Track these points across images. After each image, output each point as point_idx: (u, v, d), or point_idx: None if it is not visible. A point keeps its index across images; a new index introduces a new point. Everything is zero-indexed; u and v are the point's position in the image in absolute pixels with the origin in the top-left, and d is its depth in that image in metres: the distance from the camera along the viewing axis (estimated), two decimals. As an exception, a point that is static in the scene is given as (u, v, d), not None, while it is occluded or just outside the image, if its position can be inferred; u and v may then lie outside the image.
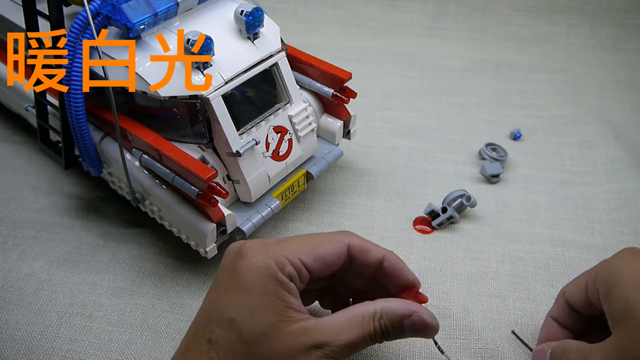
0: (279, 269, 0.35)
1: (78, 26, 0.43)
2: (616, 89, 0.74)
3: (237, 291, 0.35)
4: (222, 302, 0.35)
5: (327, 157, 0.54)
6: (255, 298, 0.34)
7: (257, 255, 0.36)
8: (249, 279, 0.35)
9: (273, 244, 0.37)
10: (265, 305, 0.34)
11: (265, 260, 0.35)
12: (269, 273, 0.35)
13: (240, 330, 0.34)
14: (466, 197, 0.54)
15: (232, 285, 0.35)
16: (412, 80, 0.75)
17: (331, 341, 0.33)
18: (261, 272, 0.35)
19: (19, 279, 0.49)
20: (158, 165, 0.45)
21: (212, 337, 0.34)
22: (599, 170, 0.61)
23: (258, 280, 0.35)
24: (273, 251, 0.36)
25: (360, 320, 0.34)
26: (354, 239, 0.38)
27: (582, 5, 0.84)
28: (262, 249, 0.36)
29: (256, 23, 0.47)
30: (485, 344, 0.44)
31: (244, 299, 0.35)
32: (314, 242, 0.37)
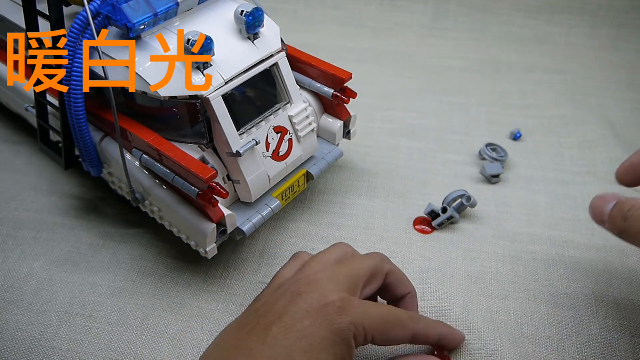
0: (354, 336, 0.36)
1: (78, 26, 0.43)
2: (616, 89, 0.74)
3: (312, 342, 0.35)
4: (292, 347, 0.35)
5: (327, 157, 0.54)
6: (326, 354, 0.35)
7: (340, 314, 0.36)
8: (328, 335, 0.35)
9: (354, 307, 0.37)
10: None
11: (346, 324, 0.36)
12: (345, 337, 0.36)
13: None
14: (466, 197, 0.54)
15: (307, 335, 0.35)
16: (412, 80, 0.75)
17: None
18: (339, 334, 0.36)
19: (19, 279, 0.49)
20: (158, 165, 0.45)
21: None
22: (599, 170, 0.61)
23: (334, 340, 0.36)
24: (355, 314, 0.36)
25: None
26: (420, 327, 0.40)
27: (582, 5, 0.84)
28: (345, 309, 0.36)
29: (256, 23, 0.47)
30: (485, 344, 0.44)
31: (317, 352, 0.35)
32: (388, 320, 0.38)
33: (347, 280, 0.39)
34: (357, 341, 0.36)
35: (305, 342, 0.35)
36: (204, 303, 0.47)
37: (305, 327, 0.35)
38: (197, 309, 0.47)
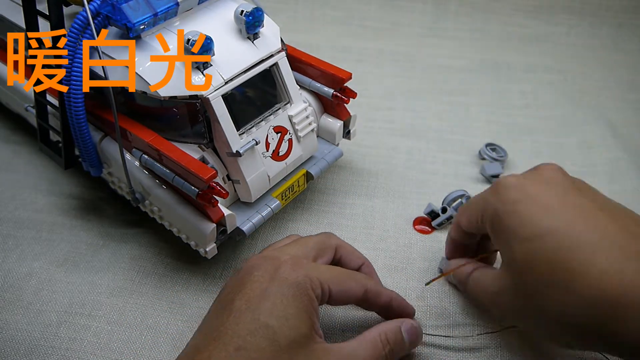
0: (312, 288, 0.37)
1: (78, 26, 0.43)
2: (616, 89, 0.74)
3: (273, 300, 0.36)
4: (256, 311, 0.36)
5: (327, 157, 0.54)
6: (290, 308, 0.36)
7: (295, 270, 0.38)
8: (285, 290, 0.37)
9: (306, 263, 0.39)
10: (300, 317, 0.36)
11: (302, 277, 0.37)
12: (303, 289, 0.37)
13: (275, 336, 0.35)
14: (466, 197, 0.54)
15: (267, 295, 0.36)
16: (412, 80, 0.75)
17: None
18: (297, 287, 0.37)
19: (19, 279, 0.49)
20: (158, 165, 0.45)
21: (242, 343, 0.35)
22: (599, 170, 0.61)
23: (293, 293, 0.37)
24: (309, 270, 0.38)
25: (369, 341, 0.38)
26: (370, 282, 0.41)
27: (582, 5, 0.84)
28: (298, 265, 0.38)
29: (256, 23, 0.47)
30: (486, 344, 0.44)
31: (281, 308, 0.36)
32: (341, 276, 0.40)
33: (297, 253, 0.41)
34: (316, 292, 0.38)
35: (268, 302, 0.36)
36: (203, 303, 0.47)
37: (264, 291, 0.37)
38: (197, 309, 0.47)
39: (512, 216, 0.38)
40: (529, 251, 0.36)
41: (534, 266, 0.36)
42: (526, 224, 0.37)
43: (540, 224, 0.36)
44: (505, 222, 0.38)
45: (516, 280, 0.37)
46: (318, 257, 0.42)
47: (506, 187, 0.40)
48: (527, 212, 0.37)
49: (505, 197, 0.39)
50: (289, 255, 0.40)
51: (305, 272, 0.38)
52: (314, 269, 0.39)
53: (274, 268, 0.38)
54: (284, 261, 0.38)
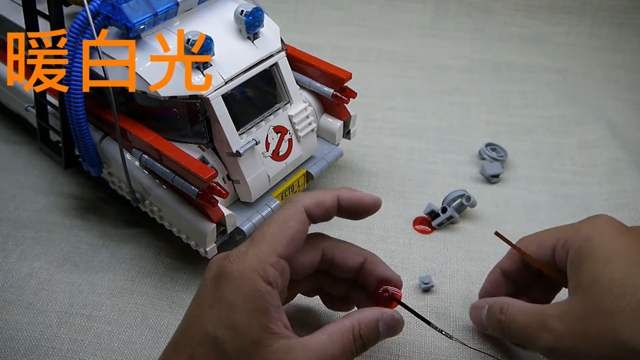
0: (261, 277, 0.34)
1: (78, 26, 0.43)
2: (616, 89, 0.74)
3: (220, 308, 0.34)
4: (204, 319, 0.34)
5: (327, 157, 0.54)
6: (238, 315, 0.33)
7: (238, 268, 0.34)
8: (232, 295, 0.34)
9: (248, 251, 0.35)
10: (249, 322, 0.33)
11: (246, 272, 0.34)
12: (250, 286, 0.34)
13: (224, 349, 0.33)
14: (466, 197, 0.54)
15: (214, 302, 0.34)
16: (412, 80, 0.75)
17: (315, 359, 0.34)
18: (243, 287, 0.34)
19: (19, 279, 0.49)
20: (158, 165, 0.45)
21: (195, 354, 0.34)
22: (599, 170, 0.61)
23: (240, 296, 0.34)
24: (251, 259, 0.35)
25: (340, 336, 0.35)
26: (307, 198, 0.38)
27: (582, 5, 0.84)
28: (240, 261, 0.35)
29: (256, 23, 0.47)
30: (486, 343, 0.44)
31: (227, 316, 0.34)
32: (277, 230, 0.36)
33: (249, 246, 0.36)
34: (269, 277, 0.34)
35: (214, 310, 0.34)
36: (204, 303, 0.47)
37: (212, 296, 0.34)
38: (197, 309, 0.47)
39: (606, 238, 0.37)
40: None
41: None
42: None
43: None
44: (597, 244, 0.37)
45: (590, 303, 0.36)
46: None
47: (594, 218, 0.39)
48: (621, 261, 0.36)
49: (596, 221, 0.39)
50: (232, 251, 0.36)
51: (247, 264, 0.34)
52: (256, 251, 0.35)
53: (218, 271, 0.35)
54: (226, 263, 0.35)
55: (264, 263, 0.34)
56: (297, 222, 0.36)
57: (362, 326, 0.36)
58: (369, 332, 0.36)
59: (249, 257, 0.35)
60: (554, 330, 0.36)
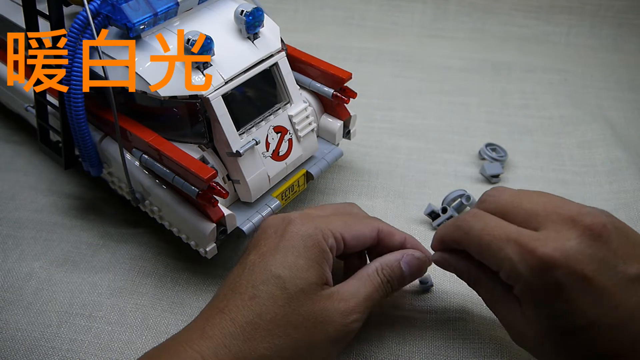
0: (324, 239, 0.39)
1: (78, 26, 0.43)
2: (616, 89, 0.74)
3: (284, 253, 0.39)
4: (268, 262, 0.38)
5: (327, 157, 0.54)
6: (300, 259, 0.38)
7: (305, 224, 0.40)
8: (296, 243, 0.39)
9: (317, 217, 0.41)
10: (309, 267, 0.38)
11: (312, 229, 0.39)
12: (314, 241, 0.39)
13: (285, 285, 0.37)
14: (465, 197, 0.54)
15: (279, 249, 0.39)
16: (412, 80, 0.75)
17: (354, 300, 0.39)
18: (308, 239, 0.39)
19: (19, 279, 0.49)
20: (158, 165, 0.45)
21: (256, 292, 0.37)
22: (599, 170, 0.61)
23: (304, 245, 0.39)
24: (318, 223, 0.40)
25: (368, 278, 0.41)
26: (382, 224, 0.43)
27: (582, 5, 0.84)
28: (308, 219, 0.40)
29: (256, 23, 0.47)
30: (486, 344, 0.44)
31: (290, 259, 0.38)
32: (352, 222, 0.42)
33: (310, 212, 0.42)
34: (328, 242, 0.40)
35: (279, 255, 0.38)
36: (203, 303, 0.47)
37: (276, 244, 0.39)
38: (197, 309, 0.47)
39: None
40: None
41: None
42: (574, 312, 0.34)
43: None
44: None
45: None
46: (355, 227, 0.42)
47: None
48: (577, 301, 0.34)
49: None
50: (298, 212, 0.42)
51: (314, 225, 0.40)
52: (323, 220, 0.40)
53: (285, 224, 0.40)
54: (294, 217, 0.40)
55: (328, 232, 0.40)
56: (369, 230, 0.42)
57: (385, 267, 0.41)
58: (392, 272, 0.41)
59: (316, 222, 0.40)
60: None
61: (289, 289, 0.37)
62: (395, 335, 0.45)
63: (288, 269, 0.38)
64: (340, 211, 0.44)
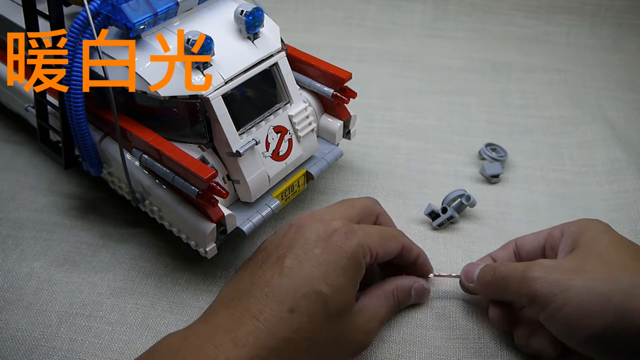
0: (363, 257, 0.40)
1: (78, 26, 0.43)
2: (616, 89, 0.74)
3: (327, 269, 0.38)
4: (309, 275, 0.38)
5: (327, 157, 0.54)
6: (342, 278, 0.39)
7: (349, 238, 0.40)
8: (340, 260, 0.39)
9: (358, 230, 0.41)
10: (349, 287, 0.39)
11: (356, 247, 0.40)
12: (356, 260, 0.40)
13: (327, 303, 0.38)
14: (465, 197, 0.54)
15: (321, 263, 0.39)
16: (412, 80, 0.75)
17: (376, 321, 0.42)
18: (351, 258, 0.39)
19: (19, 279, 0.49)
20: (158, 165, 0.45)
21: (295, 306, 0.37)
22: (599, 170, 0.61)
23: (347, 264, 0.39)
24: (361, 238, 0.40)
25: (385, 298, 0.44)
26: (406, 239, 0.45)
27: (582, 5, 0.84)
28: (352, 233, 0.40)
29: (256, 23, 0.47)
30: (486, 343, 0.44)
31: (333, 277, 0.38)
32: (385, 236, 0.43)
33: (343, 213, 0.43)
34: (365, 260, 0.40)
35: (322, 270, 0.38)
36: (204, 303, 0.47)
37: (318, 256, 0.39)
38: (197, 309, 0.47)
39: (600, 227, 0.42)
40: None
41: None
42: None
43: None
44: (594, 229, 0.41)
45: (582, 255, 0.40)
46: (362, 221, 0.44)
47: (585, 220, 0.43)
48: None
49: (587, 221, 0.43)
50: (340, 220, 0.41)
51: (357, 241, 0.40)
52: (364, 236, 0.41)
53: (327, 234, 0.40)
54: (337, 229, 0.40)
55: (367, 250, 0.40)
56: (397, 246, 0.43)
57: (399, 290, 0.44)
58: (404, 295, 0.45)
59: (359, 236, 0.40)
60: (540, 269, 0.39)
61: (330, 307, 0.38)
62: (395, 335, 0.45)
63: (330, 287, 0.38)
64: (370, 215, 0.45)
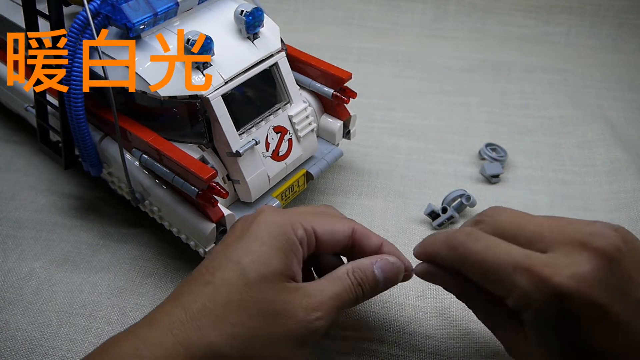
0: (292, 230, 0.37)
1: (78, 26, 0.43)
2: (616, 89, 0.74)
3: (248, 240, 0.36)
4: (229, 251, 0.36)
5: (327, 157, 0.54)
6: (264, 247, 0.36)
7: (273, 215, 0.37)
8: (262, 232, 0.36)
9: (289, 211, 0.39)
10: (273, 255, 0.36)
11: (280, 219, 0.37)
12: (282, 230, 0.36)
13: (244, 271, 0.35)
14: (465, 197, 0.54)
15: (243, 237, 0.36)
16: (412, 80, 0.75)
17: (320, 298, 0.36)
18: (275, 229, 0.36)
19: (19, 279, 0.49)
20: (158, 165, 0.45)
21: (210, 279, 0.35)
22: (599, 170, 0.61)
23: (270, 234, 0.36)
24: (289, 215, 0.38)
25: (337, 278, 0.37)
26: (358, 225, 0.40)
27: (582, 5, 0.84)
28: (278, 211, 0.38)
29: (256, 23, 0.47)
30: (485, 343, 0.44)
31: (254, 246, 0.36)
32: (325, 218, 0.39)
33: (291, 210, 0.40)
34: (298, 234, 0.37)
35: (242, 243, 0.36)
36: (204, 303, 0.47)
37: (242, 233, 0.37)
38: (197, 309, 0.47)
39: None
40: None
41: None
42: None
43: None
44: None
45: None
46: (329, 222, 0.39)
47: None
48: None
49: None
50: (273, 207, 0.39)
51: (285, 216, 0.37)
52: (295, 213, 0.38)
53: (254, 215, 0.38)
54: (264, 209, 0.38)
55: (297, 223, 0.37)
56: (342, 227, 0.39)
57: (357, 269, 0.38)
58: (364, 275, 0.38)
59: (287, 213, 0.38)
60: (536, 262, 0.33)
61: (248, 274, 0.35)
62: (395, 335, 0.45)
63: (249, 255, 0.35)
64: (316, 210, 0.41)
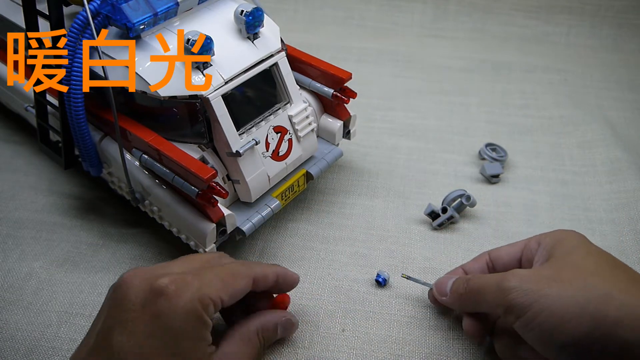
0: (204, 311, 0.36)
1: (78, 26, 0.43)
2: (616, 89, 0.74)
3: (164, 338, 0.35)
4: (146, 353, 0.34)
5: (327, 157, 0.54)
6: (184, 342, 0.35)
7: (180, 296, 0.35)
8: (175, 325, 0.35)
9: (191, 280, 0.36)
10: (193, 349, 0.36)
11: (191, 304, 0.35)
12: (195, 317, 0.35)
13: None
14: (465, 197, 0.54)
15: (156, 332, 0.35)
16: (412, 80, 0.75)
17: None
18: (188, 318, 0.35)
19: (19, 279, 0.49)
20: (158, 165, 0.45)
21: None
22: (599, 170, 0.61)
23: (185, 328, 0.35)
24: (196, 290, 0.36)
25: (249, 340, 0.40)
26: (256, 269, 0.41)
27: (582, 5, 0.84)
28: (183, 288, 0.36)
29: (256, 23, 0.47)
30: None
31: (173, 346, 0.35)
32: (227, 279, 0.38)
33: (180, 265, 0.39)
34: (209, 312, 0.36)
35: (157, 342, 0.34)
36: (204, 303, 0.47)
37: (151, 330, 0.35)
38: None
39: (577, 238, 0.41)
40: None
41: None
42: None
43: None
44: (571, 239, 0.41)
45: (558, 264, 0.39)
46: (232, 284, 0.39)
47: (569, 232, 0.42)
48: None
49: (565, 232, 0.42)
50: (169, 276, 0.36)
51: (191, 295, 0.35)
52: (201, 286, 0.36)
53: (154, 297, 0.35)
54: (163, 288, 0.35)
55: (207, 300, 0.36)
56: (245, 285, 0.39)
57: (264, 331, 0.41)
58: (269, 334, 0.42)
59: (193, 290, 0.36)
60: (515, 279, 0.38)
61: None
62: (395, 335, 0.45)
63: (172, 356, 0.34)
64: (212, 264, 0.40)
